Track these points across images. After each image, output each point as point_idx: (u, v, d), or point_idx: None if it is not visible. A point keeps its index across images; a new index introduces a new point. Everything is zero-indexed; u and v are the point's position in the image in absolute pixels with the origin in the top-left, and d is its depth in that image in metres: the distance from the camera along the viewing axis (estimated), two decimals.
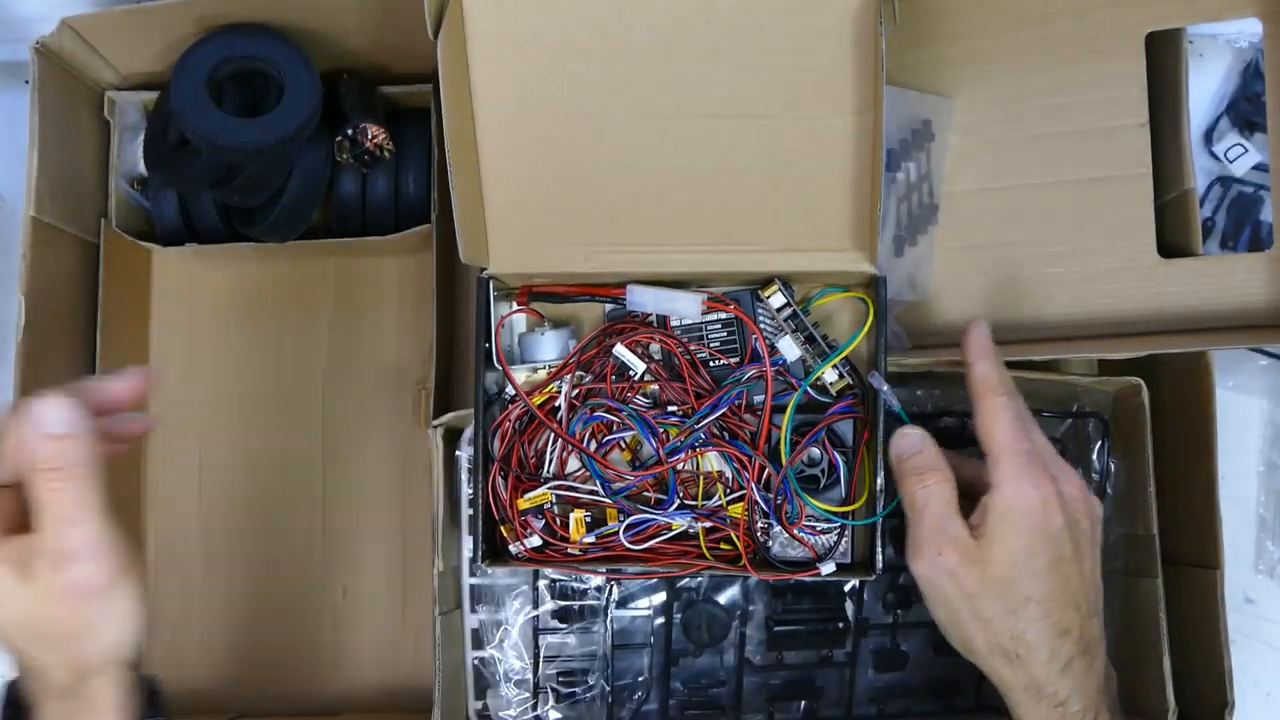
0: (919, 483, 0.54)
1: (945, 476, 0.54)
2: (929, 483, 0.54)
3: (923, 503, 0.54)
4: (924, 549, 0.54)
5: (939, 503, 0.54)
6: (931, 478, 0.54)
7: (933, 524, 0.54)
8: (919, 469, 0.55)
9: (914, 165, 0.68)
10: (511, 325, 0.65)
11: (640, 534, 0.62)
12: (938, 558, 0.53)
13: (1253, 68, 0.76)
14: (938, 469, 0.54)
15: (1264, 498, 0.75)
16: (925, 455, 0.55)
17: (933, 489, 0.54)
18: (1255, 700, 0.74)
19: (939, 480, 0.54)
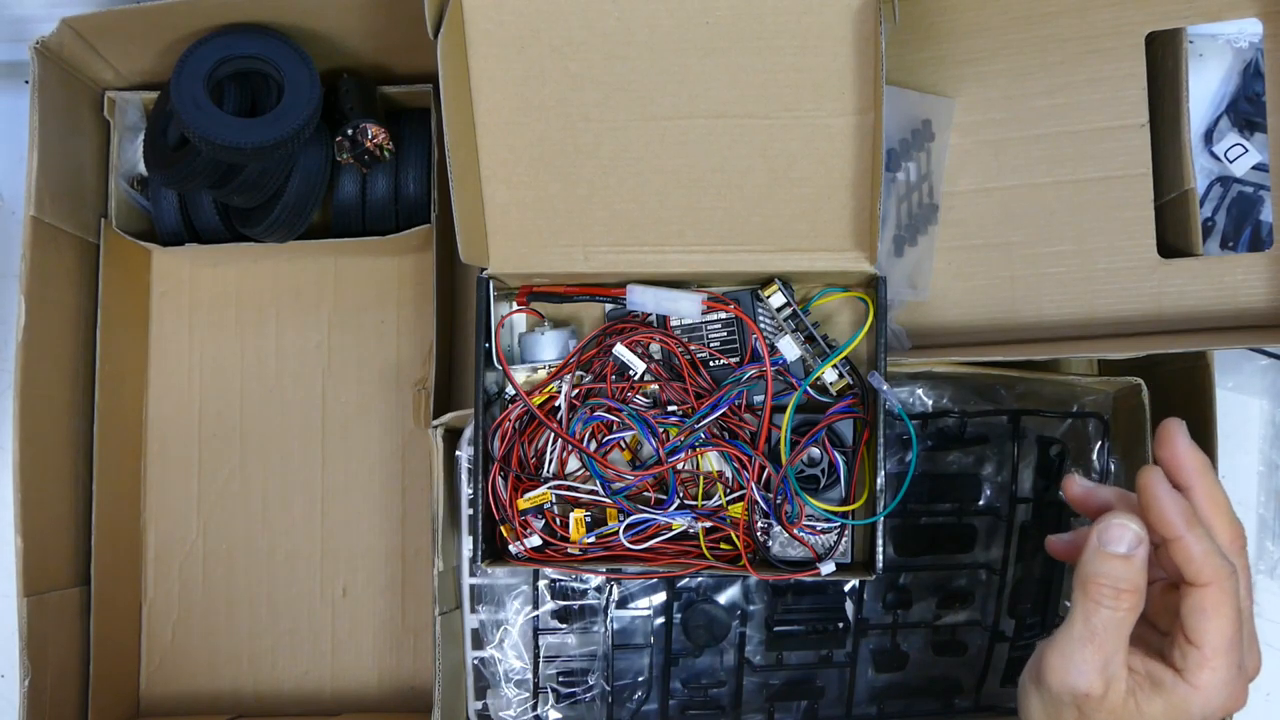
0: (1113, 600, 0.44)
1: (1140, 603, 0.44)
2: (1123, 606, 0.44)
3: (1103, 625, 0.44)
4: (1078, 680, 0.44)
5: (1120, 635, 0.44)
6: (1128, 600, 0.44)
7: (1103, 653, 0.44)
8: (1119, 583, 0.43)
9: (914, 165, 0.68)
10: (511, 325, 0.65)
11: (640, 534, 0.62)
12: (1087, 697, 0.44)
13: (1253, 68, 0.76)
14: (1139, 590, 0.44)
15: (1264, 498, 0.75)
16: (1134, 567, 0.43)
17: (1124, 616, 0.44)
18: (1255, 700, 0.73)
19: (1133, 606, 0.44)
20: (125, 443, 0.74)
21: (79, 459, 0.70)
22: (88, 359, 0.71)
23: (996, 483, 0.67)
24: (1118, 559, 0.43)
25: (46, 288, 0.67)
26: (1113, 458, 0.67)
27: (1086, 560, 0.44)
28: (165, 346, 0.76)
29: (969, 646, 0.68)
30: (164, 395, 0.76)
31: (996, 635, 0.67)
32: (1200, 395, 0.64)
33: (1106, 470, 0.67)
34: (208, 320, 0.76)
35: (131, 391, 0.75)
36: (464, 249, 0.59)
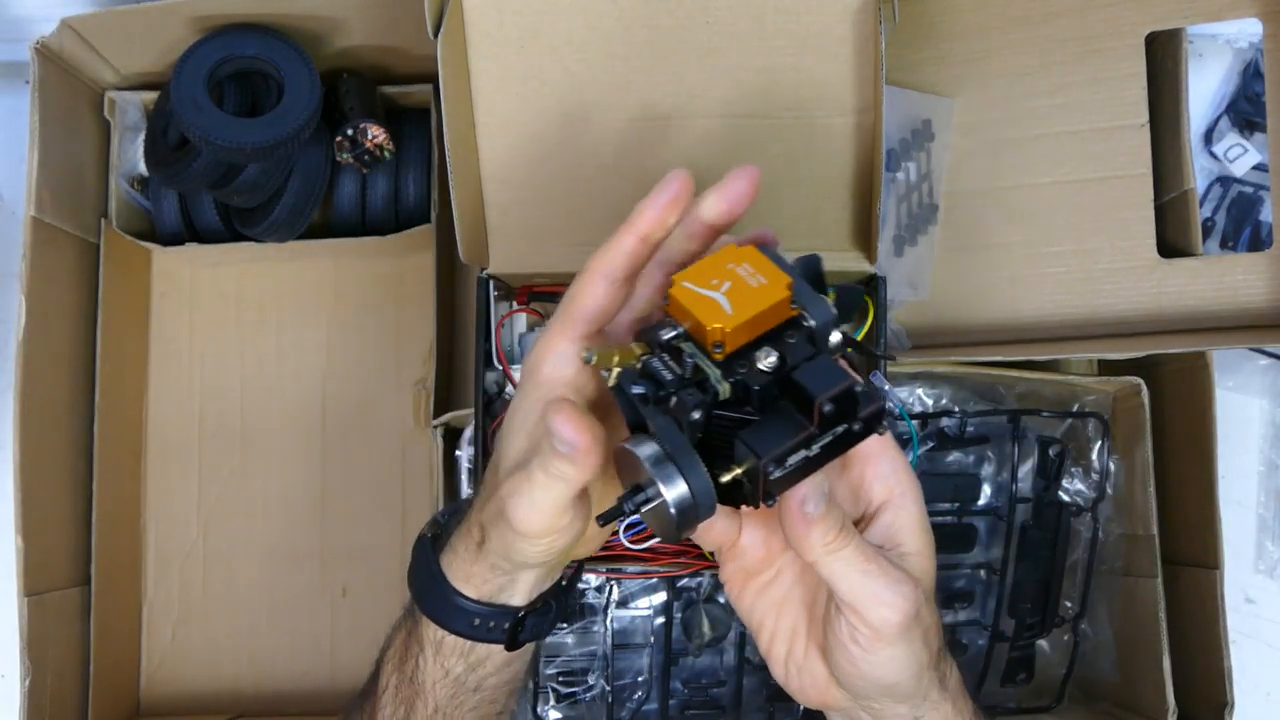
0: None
1: None
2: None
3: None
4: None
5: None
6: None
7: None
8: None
9: (914, 165, 0.68)
10: (511, 325, 0.65)
11: (640, 534, 0.62)
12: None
13: (1253, 68, 0.76)
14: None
15: (1264, 498, 0.75)
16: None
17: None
18: (1255, 700, 0.74)
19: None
20: (125, 443, 0.74)
21: (79, 459, 0.70)
22: (88, 359, 0.71)
23: (996, 483, 0.67)
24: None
25: (46, 288, 0.67)
26: (1113, 458, 0.67)
27: None
28: (165, 346, 0.76)
29: (969, 646, 0.68)
30: (164, 395, 0.76)
31: (996, 635, 0.67)
32: (1200, 395, 0.64)
33: (1106, 470, 0.67)
34: (208, 320, 0.76)
35: (131, 391, 0.75)
36: (464, 249, 0.59)
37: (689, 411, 0.37)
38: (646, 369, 0.39)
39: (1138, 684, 0.65)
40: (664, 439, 0.38)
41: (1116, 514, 0.68)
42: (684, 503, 0.37)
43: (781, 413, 0.38)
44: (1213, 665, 0.62)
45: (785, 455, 0.37)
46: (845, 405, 0.37)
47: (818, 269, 0.40)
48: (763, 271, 0.38)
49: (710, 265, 0.39)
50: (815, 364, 0.37)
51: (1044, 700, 0.68)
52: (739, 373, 0.37)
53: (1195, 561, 0.65)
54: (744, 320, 0.37)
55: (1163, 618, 0.63)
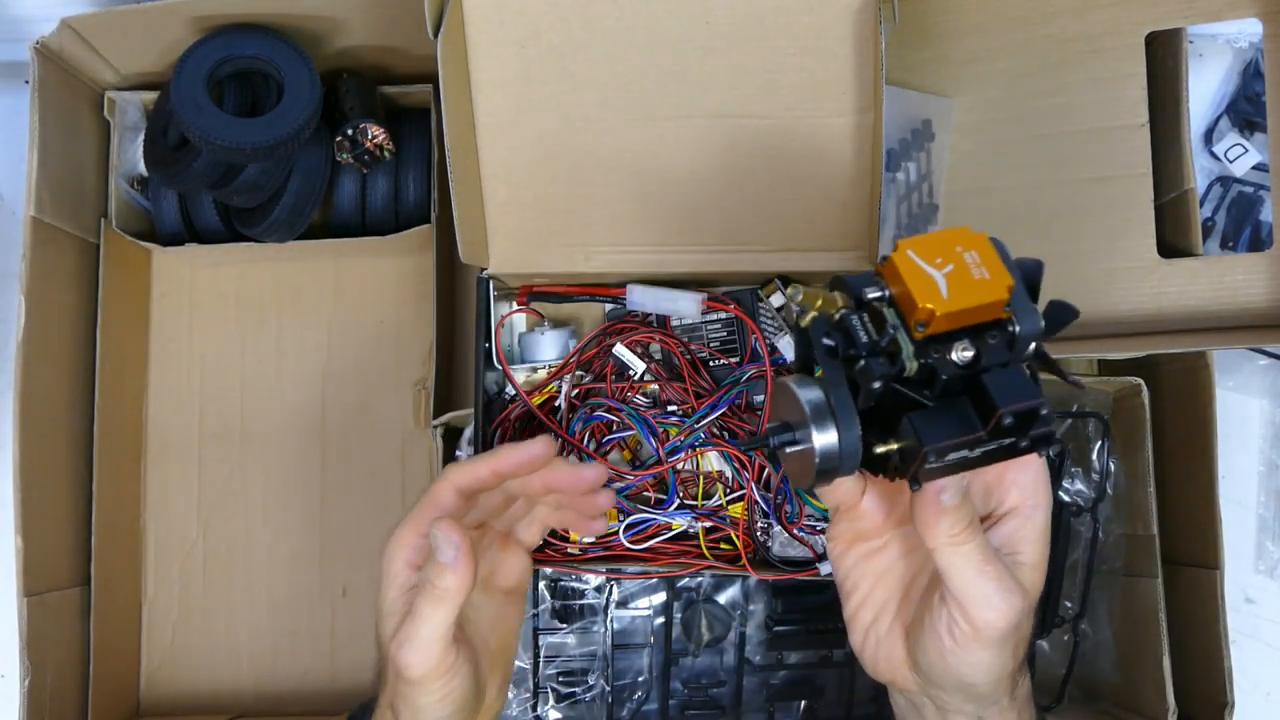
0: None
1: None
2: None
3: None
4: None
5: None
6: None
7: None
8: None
9: (914, 165, 0.68)
10: (511, 325, 0.65)
11: (640, 534, 0.62)
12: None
13: (1253, 68, 0.76)
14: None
15: (1264, 498, 0.75)
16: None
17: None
18: (1255, 700, 0.74)
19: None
20: (125, 443, 0.74)
21: (79, 459, 0.70)
22: (88, 359, 0.71)
23: None
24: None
25: (46, 288, 0.67)
26: (1112, 458, 0.67)
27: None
28: (165, 346, 0.76)
29: None
30: (164, 395, 0.76)
31: None
32: (1200, 395, 0.64)
33: (1106, 470, 0.67)
34: (208, 320, 0.76)
35: (131, 391, 0.75)
36: (464, 249, 0.59)
37: (872, 380, 0.37)
38: (844, 323, 0.39)
39: (1138, 684, 0.65)
40: (831, 391, 0.38)
41: (1116, 514, 0.68)
42: (830, 456, 0.38)
43: (956, 407, 0.38)
44: (1213, 665, 0.62)
45: (948, 450, 0.37)
46: (1024, 422, 0.37)
47: (1037, 277, 0.40)
48: (988, 265, 0.37)
49: (940, 241, 0.38)
50: (1008, 373, 0.37)
51: (1044, 700, 0.68)
52: (932, 356, 0.37)
53: (1195, 561, 0.65)
54: (956, 309, 0.36)
55: (1163, 618, 0.63)
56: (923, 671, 0.44)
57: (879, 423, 0.39)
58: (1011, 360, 0.38)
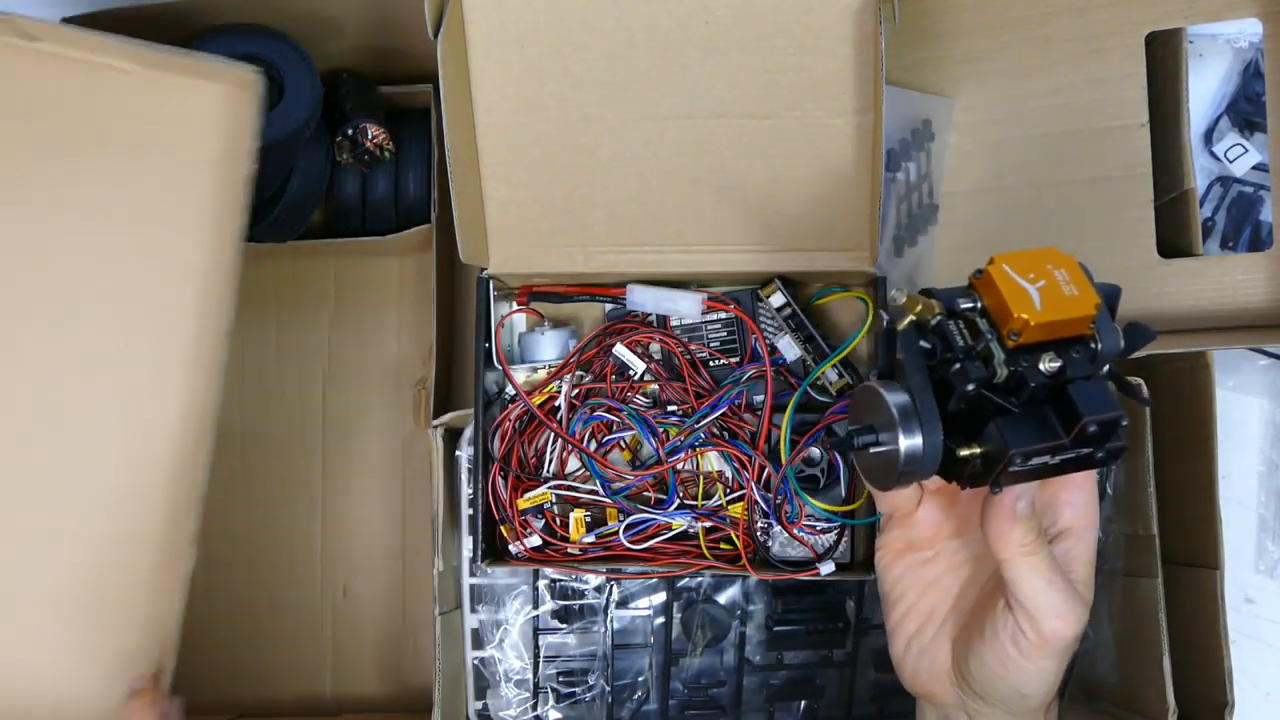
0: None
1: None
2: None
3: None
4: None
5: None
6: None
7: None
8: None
9: (914, 165, 0.68)
10: (511, 325, 0.65)
11: (640, 534, 0.62)
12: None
13: (1253, 68, 0.76)
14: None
15: (1264, 498, 0.75)
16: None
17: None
18: (1255, 700, 0.74)
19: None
20: None
21: None
22: None
23: None
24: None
25: None
26: None
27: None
28: None
29: None
30: None
31: None
32: (1200, 395, 0.64)
33: (1106, 470, 0.67)
34: None
35: None
36: (464, 249, 0.59)
37: (968, 382, 0.39)
38: (941, 329, 0.41)
39: (1138, 684, 0.65)
40: (917, 394, 0.40)
41: (1116, 514, 0.68)
42: (914, 457, 0.40)
43: (1039, 415, 0.40)
44: (1213, 665, 0.62)
45: (1031, 455, 0.39)
46: (1104, 432, 0.39)
47: (1116, 299, 0.42)
48: (1077, 283, 0.40)
49: (1032, 259, 0.40)
50: (1092, 385, 0.40)
51: None
52: (1021, 365, 0.39)
53: (1195, 561, 0.65)
54: (1048, 321, 0.39)
55: (1163, 618, 0.63)
56: (973, 683, 0.45)
57: (959, 429, 0.40)
58: (1092, 374, 0.40)
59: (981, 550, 0.47)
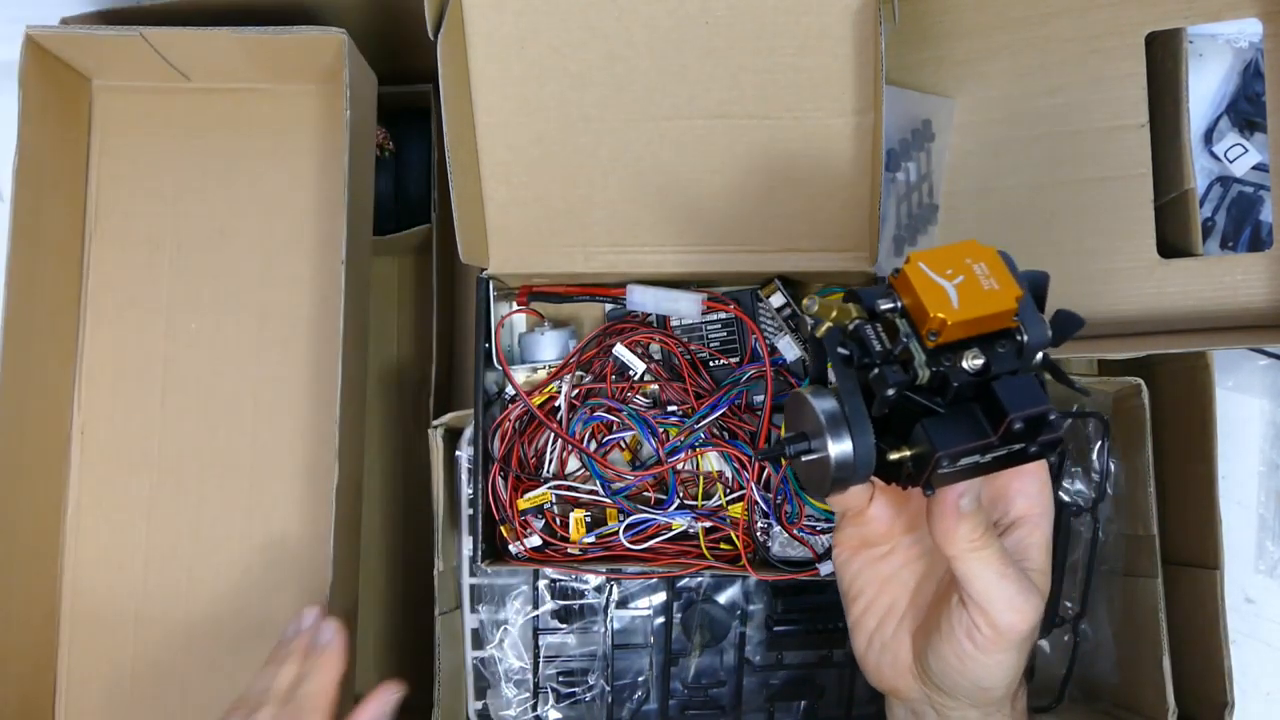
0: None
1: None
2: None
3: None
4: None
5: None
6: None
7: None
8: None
9: (914, 165, 0.68)
10: (511, 325, 0.65)
11: (640, 534, 0.62)
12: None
13: (1253, 68, 0.76)
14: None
15: (1264, 498, 0.75)
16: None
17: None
18: (1255, 700, 0.74)
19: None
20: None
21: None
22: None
23: None
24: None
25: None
26: (1112, 458, 0.67)
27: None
28: None
29: None
30: None
31: None
32: (1200, 395, 0.64)
33: (1106, 470, 0.67)
34: None
35: None
36: (464, 249, 0.59)
37: (887, 387, 0.39)
38: (858, 334, 0.40)
39: (1138, 684, 0.65)
40: (845, 400, 0.39)
41: (1116, 514, 0.68)
42: (845, 464, 0.39)
43: (967, 414, 0.39)
44: (1213, 665, 0.62)
45: (960, 455, 0.38)
46: (1033, 427, 0.38)
47: (1043, 287, 0.41)
48: (996, 276, 0.39)
49: (949, 254, 0.39)
50: (1018, 380, 0.38)
51: (1044, 700, 0.68)
52: (943, 365, 0.38)
53: (1195, 561, 0.65)
54: (967, 319, 0.38)
55: (1163, 618, 0.63)
56: (934, 677, 0.45)
57: (892, 431, 0.40)
58: (1020, 368, 0.39)
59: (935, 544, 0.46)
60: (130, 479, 0.66)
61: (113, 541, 0.66)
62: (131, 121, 0.68)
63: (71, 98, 0.66)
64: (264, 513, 0.66)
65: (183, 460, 0.66)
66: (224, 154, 0.67)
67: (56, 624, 0.66)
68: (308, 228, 0.66)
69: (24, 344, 0.62)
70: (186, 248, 0.67)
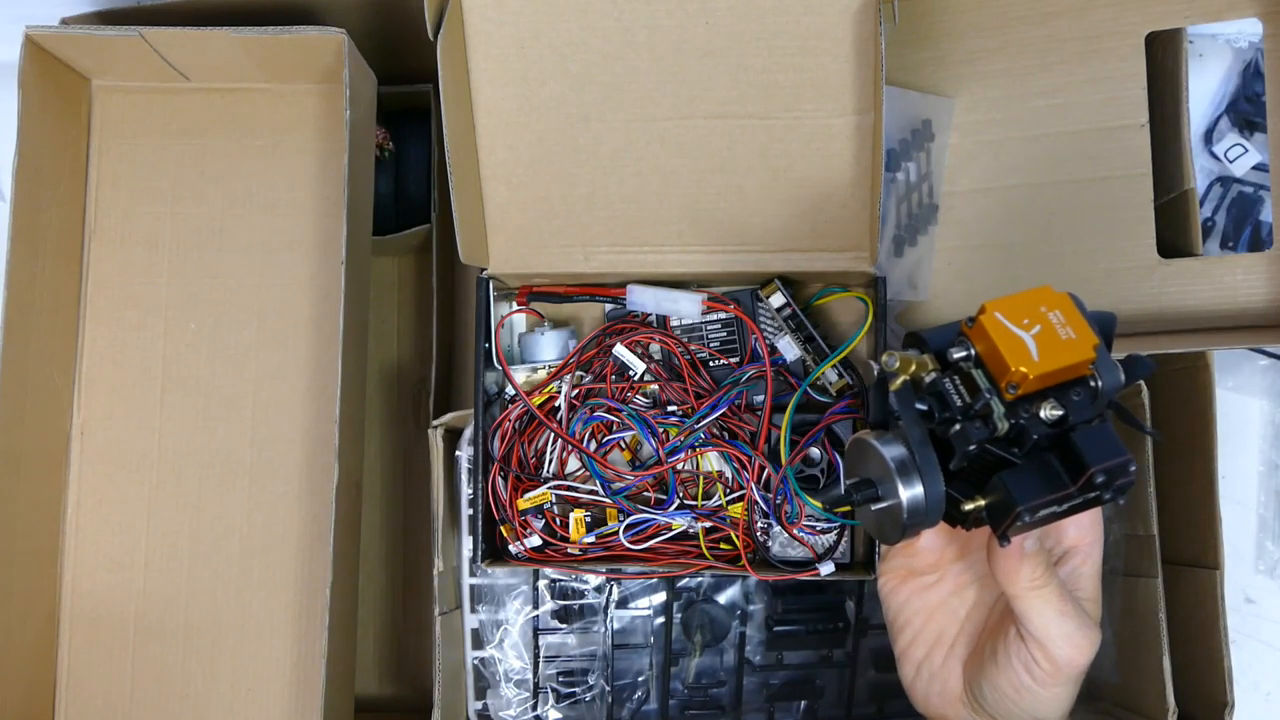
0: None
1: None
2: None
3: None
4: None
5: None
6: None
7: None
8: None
9: (914, 165, 0.68)
10: (511, 325, 0.65)
11: (640, 534, 0.62)
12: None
13: (1253, 68, 0.76)
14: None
15: (1264, 498, 0.75)
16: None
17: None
18: (1255, 700, 0.74)
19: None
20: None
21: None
22: None
23: None
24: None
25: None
26: None
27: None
28: None
29: None
30: None
31: None
32: (1200, 395, 0.64)
33: None
34: None
35: None
36: (464, 249, 0.59)
37: (969, 444, 0.38)
38: (935, 388, 0.39)
39: (1138, 684, 0.65)
40: (916, 448, 0.39)
41: (1117, 514, 0.68)
42: (917, 511, 0.39)
43: (1044, 464, 0.38)
44: (1213, 665, 0.62)
45: (1039, 507, 0.38)
46: (1113, 477, 0.38)
47: (1112, 329, 0.41)
48: (1073, 325, 0.38)
49: (1025, 302, 0.39)
50: (1096, 430, 0.38)
51: None
52: (1022, 416, 0.38)
53: (1195, 561, 0.65)
54: (1047, 371, 0.37)
55: (1163, 618, 0.63)
56: (988, 706, 0.45)
57: (960, 478, 0.39)
58: (1099, 418, 0.38)
59: (985, 570, 0.46)
60: (130, 479, 0.66)
61: (113, 542, 0.66)
62: (131, 121, 0.68)
63: (71, 98, 0.66)
64: (264, 513, 0.66)
65: (183, 460, 0.66)
66: (224, 154, 0.67)
67: (57, 624, 0.66)
68: (308, 228, 0.66)
69: (24, 344, 0.62)
70: (186, 248, 0.67)
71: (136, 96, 0.68)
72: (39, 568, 0.65)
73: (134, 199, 0.67)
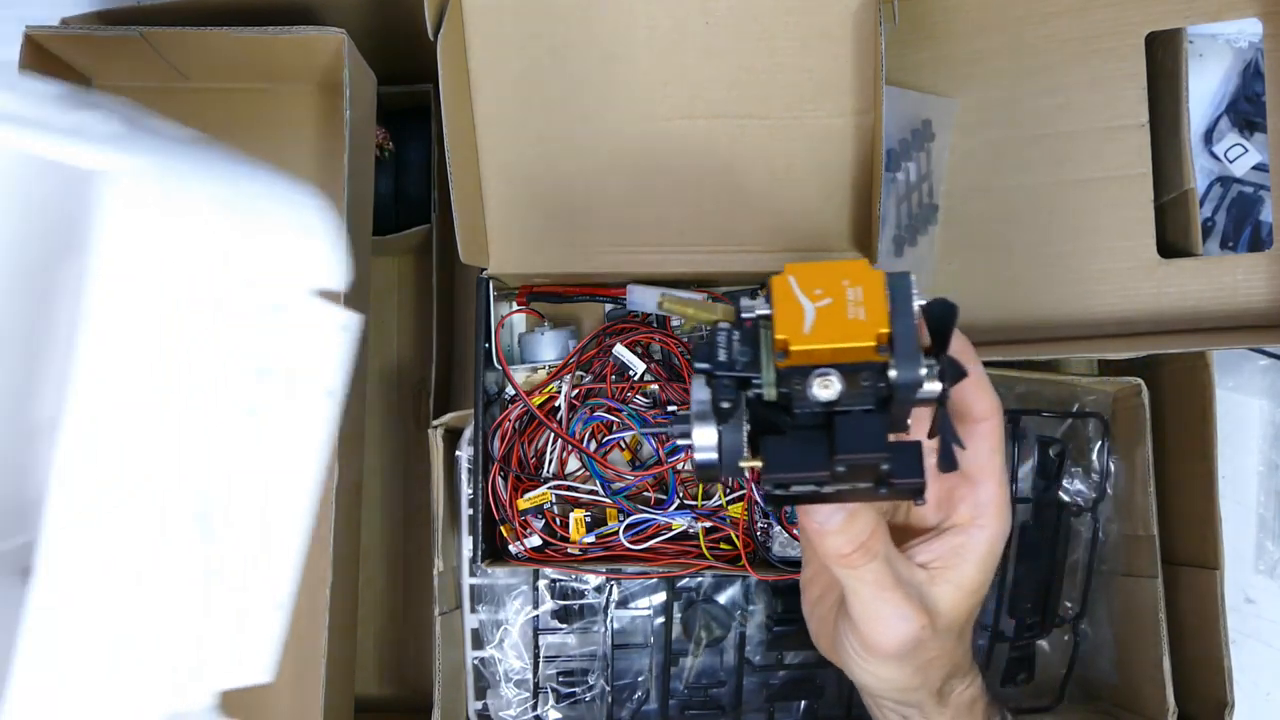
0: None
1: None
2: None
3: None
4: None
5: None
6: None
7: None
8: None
9: (914, 165, 0.68)
10: (511, 325, 0.65)
11: (640, 534, 0.62)
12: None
13: (1253, 68, 0.76)
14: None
15: (1264, 498, 0.75)
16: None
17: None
18: (1255, 700, 0.74)
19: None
20: None
21: None
22: None
23: None
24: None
25: None
26: (1113, 458, 0.67)
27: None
28: None
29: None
30: None
31: (996, 635, 0.67)
32: (1200, 395, 0.64)
33: (1106, 470, 0.67)
34: None
35: None
36: (464, 249, 0.59)
37: (725, 400, 0.36)
38: (710, 340, 0.37)
39: (1138, 684, 0.65)
40: (718, 392, 0.36)
41: (1116, 514, 0.68)
42: (707, 458, 0.36)
43: (811, 440, 0.36)
44: (1213, 665, 0.63)
45: (790, 482, 0.36)
46: (865, 470, 0.36)
47: (946, 321, 0.36)
48: (869, 306, 0.35)
49: (827, 271, 0.35)
50: (860, 420, 0.35)
51: (1044, 700, 0.68)
52: (793, 386, 0.35)
53: (1195, 561, 0.65)
54: (813, 347, 0.35)
55: (1163, 618, 0.63)
56: (844, 664, 0.45)
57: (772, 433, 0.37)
58: (874, 411, 0.35)
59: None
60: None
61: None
62: None
63: None
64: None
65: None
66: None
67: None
68: None
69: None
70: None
71: (136, 96, 0.68)
72: None
73: None
